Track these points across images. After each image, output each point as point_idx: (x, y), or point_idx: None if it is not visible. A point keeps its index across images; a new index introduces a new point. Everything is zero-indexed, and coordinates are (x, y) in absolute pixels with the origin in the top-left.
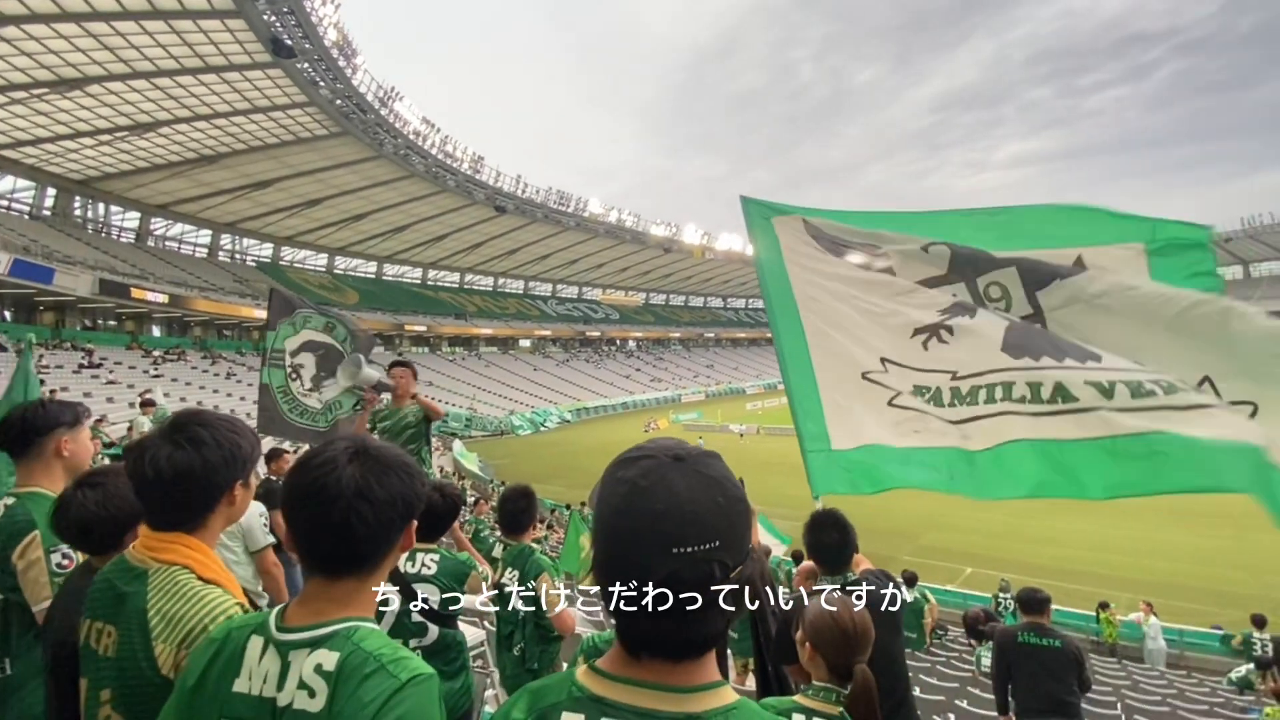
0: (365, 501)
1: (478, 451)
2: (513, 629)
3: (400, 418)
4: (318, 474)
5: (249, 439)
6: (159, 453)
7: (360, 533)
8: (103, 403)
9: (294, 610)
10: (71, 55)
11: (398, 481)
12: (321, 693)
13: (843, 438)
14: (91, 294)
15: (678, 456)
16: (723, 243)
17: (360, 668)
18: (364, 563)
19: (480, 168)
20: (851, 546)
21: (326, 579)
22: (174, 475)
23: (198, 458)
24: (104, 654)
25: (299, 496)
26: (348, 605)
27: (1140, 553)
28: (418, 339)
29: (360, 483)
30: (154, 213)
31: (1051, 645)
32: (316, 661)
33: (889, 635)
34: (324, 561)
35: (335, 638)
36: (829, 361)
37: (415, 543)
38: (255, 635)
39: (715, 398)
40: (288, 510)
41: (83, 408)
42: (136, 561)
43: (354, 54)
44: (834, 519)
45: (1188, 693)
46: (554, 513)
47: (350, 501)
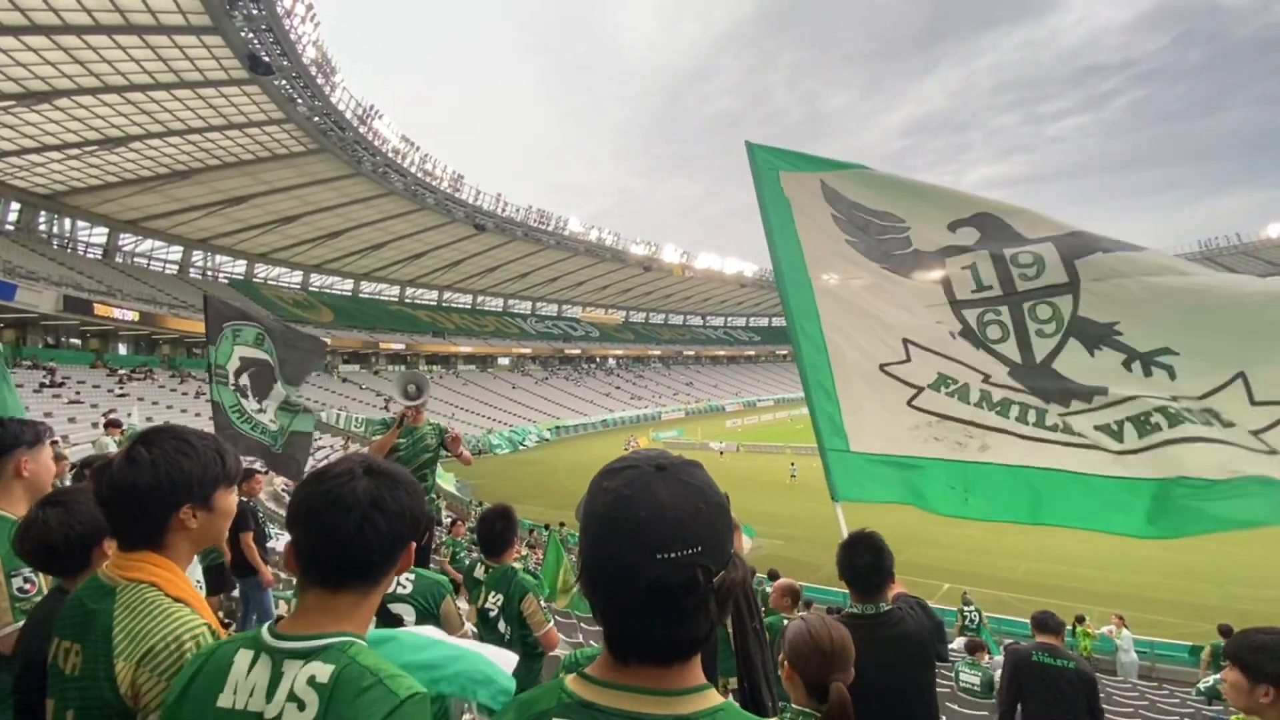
0: (379, 512)
1: (455, 471)
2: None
3: (418, 439)
4: (333, 484)
5: (199, 460)
6: (111, 469)
7: (373, 542)
8: (64, 423)
9: (289, 622)
10: (40, 68)
11: (407, 497)
12: (312, 705)
13: (862, 439)
14: (55, 310)
15: (660, 466)
16: (702, 261)
17: (356, 681)
18: (373, 573)
19: (460, 186)
20: (886, 572)
21: (329, 591)
22: (112, 493)
23: (129, 479)
24: (70, 673)
25: (314, 506)
26: (346, 620)
27: (1112, 566)
28: (394, 357)
29: (375, 494)
30: (123, 228)
31: (1065, 667)
32: (310, 673)
33: (920, 667)
34: (332, 572)
35: (330, 650)
36: (846, 347)
37: None
38: (244, 649)
39: (695, 415)
40: (298, 521)
41: (44, 427)
42: (106, 579)
43: (333, 72)
44: (869, 541)
45: (1159, 704)
46: (533, 533)
47: (365, 511)
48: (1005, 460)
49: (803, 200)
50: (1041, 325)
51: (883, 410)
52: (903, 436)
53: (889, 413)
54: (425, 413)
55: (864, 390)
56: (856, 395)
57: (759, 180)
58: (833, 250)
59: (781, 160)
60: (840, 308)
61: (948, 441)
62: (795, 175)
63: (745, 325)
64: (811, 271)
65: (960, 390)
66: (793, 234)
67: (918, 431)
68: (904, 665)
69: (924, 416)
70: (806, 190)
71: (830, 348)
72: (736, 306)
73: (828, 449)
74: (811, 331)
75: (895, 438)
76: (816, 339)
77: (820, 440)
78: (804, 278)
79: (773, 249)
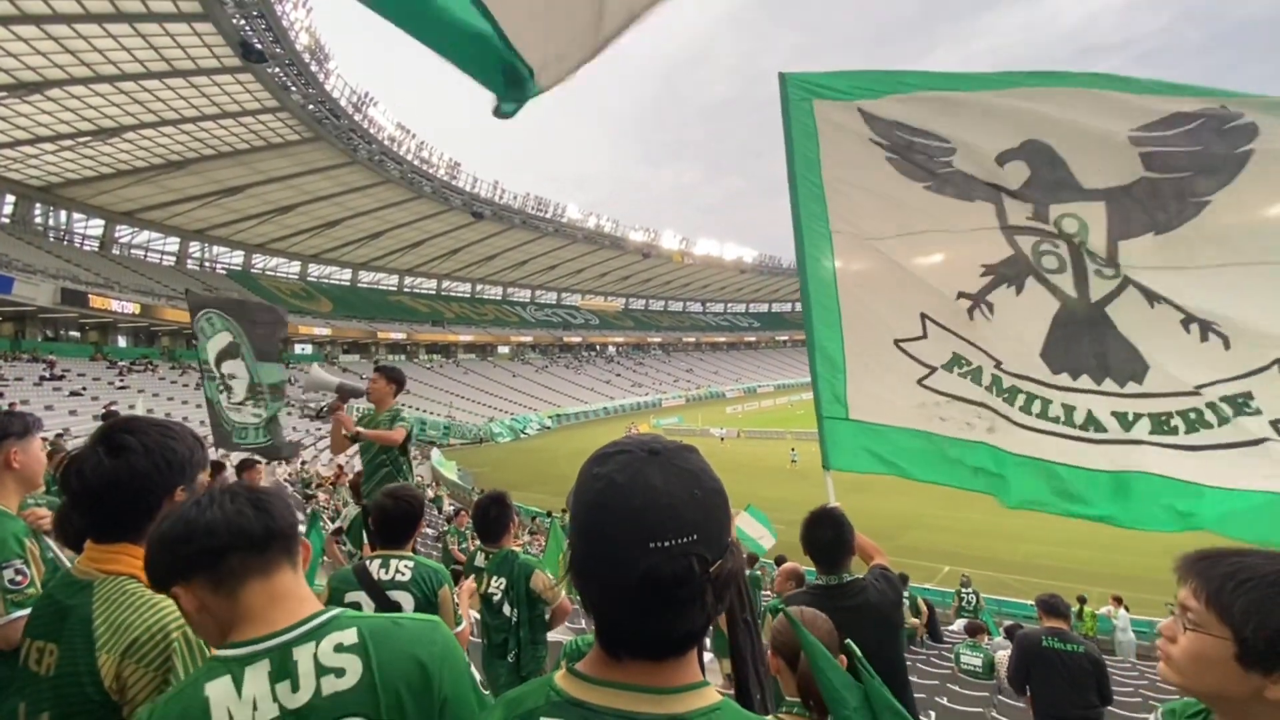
0: (113, 453)
1: (456, 459)
2: (505, 636)
3: (376, 425)
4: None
5: (186, 443)
6: (86, 463)
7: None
8: (65, 416)
9: (253, 625)
10: (30, 58)
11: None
12: (353, 667)
13: (863, 408)
14: (53, 303)
15: (653, 450)
16: (701, 248)
17: (383, 628)
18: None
19: (456, 173)
20: (845, 546)
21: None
22: (100, 485)
23: (125, 465)
24: (45, 673)
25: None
26: (306, 599)
27: (1111, 548)
28: (394, 346)
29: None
30: (119, 220)
31: (1074, 651)
32: (334, 643)
33: (884, 636)
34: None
35: (337, 619)
36: (860, 314)
37: (383, 548)
38: (212, 681)
39: (695, 402)
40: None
41: (33, 418)
42: (81, 574)
43: (326, 59)
44: (829, 516)
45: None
46: (535, 520)
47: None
48: (1009, 448)
49: (834, 132)
50: (1100, 266)
51: (890, 384)
52: (907, 411)
53: (896, 388)
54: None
55: (873, 362)
56: (864, 365)
57: (788, 115)
58: (862, 195)
59: (818, 88)
60: (861, 269)
61: (955, 422)
62: (831, 105)
63: (745, 311)
64: (834, 224)
65: (974, 372)
66: (817, 177)
67: (924, 409)
68: (865, 633)
69: (932, 396)
70: (841, 120)
71: (844, 313)
72: (736, 293)
73: (824, 416)
74: (826, 295)
75: (899, 411)
76: (831, 304)
77: (818, 407)
78: (824, 230)
79: (793, 196)
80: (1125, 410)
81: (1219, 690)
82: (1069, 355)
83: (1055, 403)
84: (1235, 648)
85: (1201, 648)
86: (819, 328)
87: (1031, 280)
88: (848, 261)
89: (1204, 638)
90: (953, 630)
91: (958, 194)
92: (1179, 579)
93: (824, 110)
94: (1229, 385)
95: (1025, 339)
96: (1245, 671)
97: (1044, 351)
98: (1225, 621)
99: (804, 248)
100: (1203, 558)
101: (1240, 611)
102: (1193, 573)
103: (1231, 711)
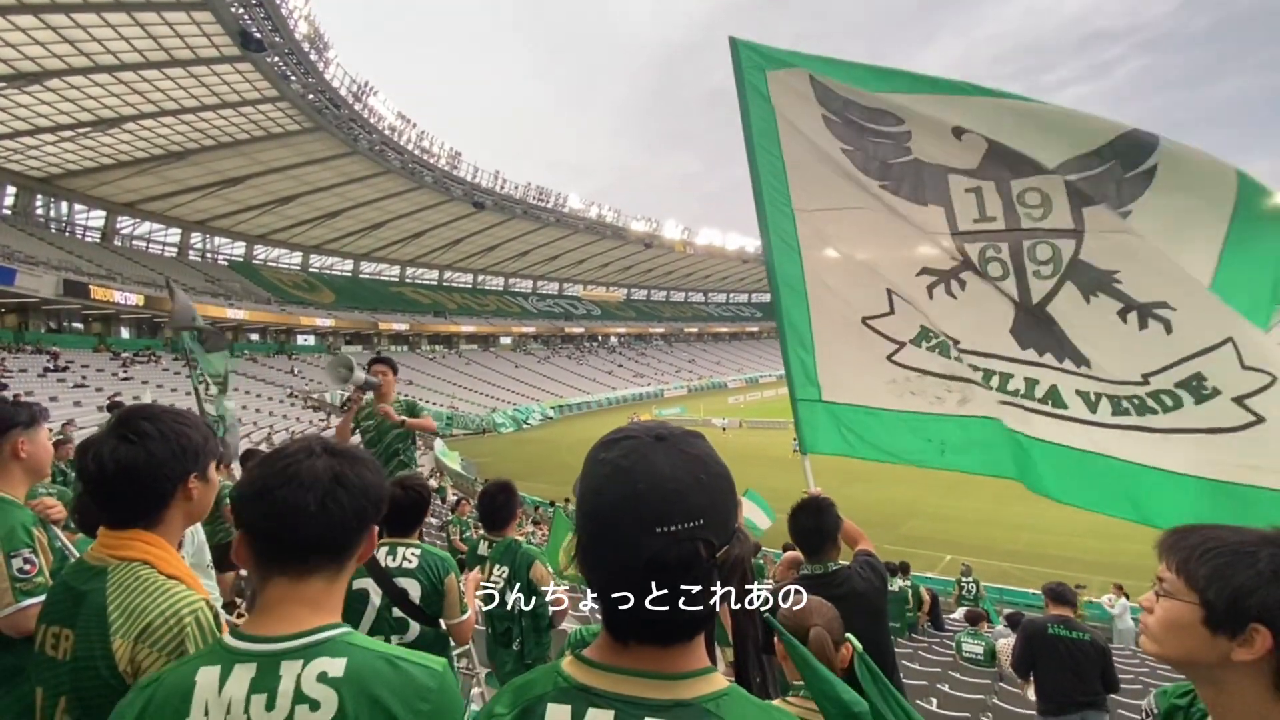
0: (341, 488)
1: (460, 450)
2: (509, 625)
3: (384, 417)
4: (291, 461)
5: (200, 431)
6: (103, 449)
7: (337, 518)
8: (70, 407)
9: (257, 621)
10: (29, 48)
11: (370, 474)
12: (330, 702)
13: (835, 388)
14: (56, 295)
15: (660, 436)
16: (703, 238)
17: (375, 667)
18: (338, 553)
19: (457, 163)
20: (827, 533)
21: (295, 578)
22: (118, 470)
23: (142, 451)
24: (61, 659)
25: (270, 485)
26: (321, 608)
27: (1114, 536)
28: (396, 337)
29: (336, 469)
30: (120, 211)
31: (1080, 639)
32: (318, 670)
33: (869, 622)
34: (296, 554)
35: (332, 643)
36: (826, 296)
37: (391, 537)
38: (205, 665)
39: (698, 392)
40: (250, 504)
41: (39, 407)
42: (95, 561)
43: (326, 48)
44: (812, 504)
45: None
46: (538, 509)
47: (328, 486)
48: (985, 413)
49: (791, 106)
50: (1039, 266)
51: (861, 363)
52: (879, 390)
53: (867, 366)
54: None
55: (843, 342)
56: (834, 346)
57: (742, 85)
58: (822, 168)
59: (770, 60)
60: (825, 247)
61: (926, 396)
62: (784, 74)
63: (747, 301)
64: (796, 200)
65: (941, 345)
66: (777, 154)
67: (894, 386)
68: (853, 622)
69: (903, 371)
70: (795, 92)
71: (810, 293)
72: (739, 283)
73: (798, 399)
74: (792, 275)
75: (872, 390)
76: (797, 284)
77: (791, 389)
78: (787, 209)
79: (754, 173)
80: (1088, 390)
81: (1191, 655)
82: (1034, 337)
83: (1018, 376)
84: (1202, 611)
85: (1173, 614)
86: (786, 310)
87: (984, 284)
88: (811, 242)
89: (1175, 604)
90: (954, 618)
91: (911, 195)
92: (1158, 557)
93: (777, 81)
94: (1177, 370)
95: (990, 319)
96: (1213, 635)
97: (1012, 329)
98: (1192, 587)
99: (767, 226)
100: (1176, 533)
101: (1204, 577)
102: (1166, 547)
103: (1207, 679)
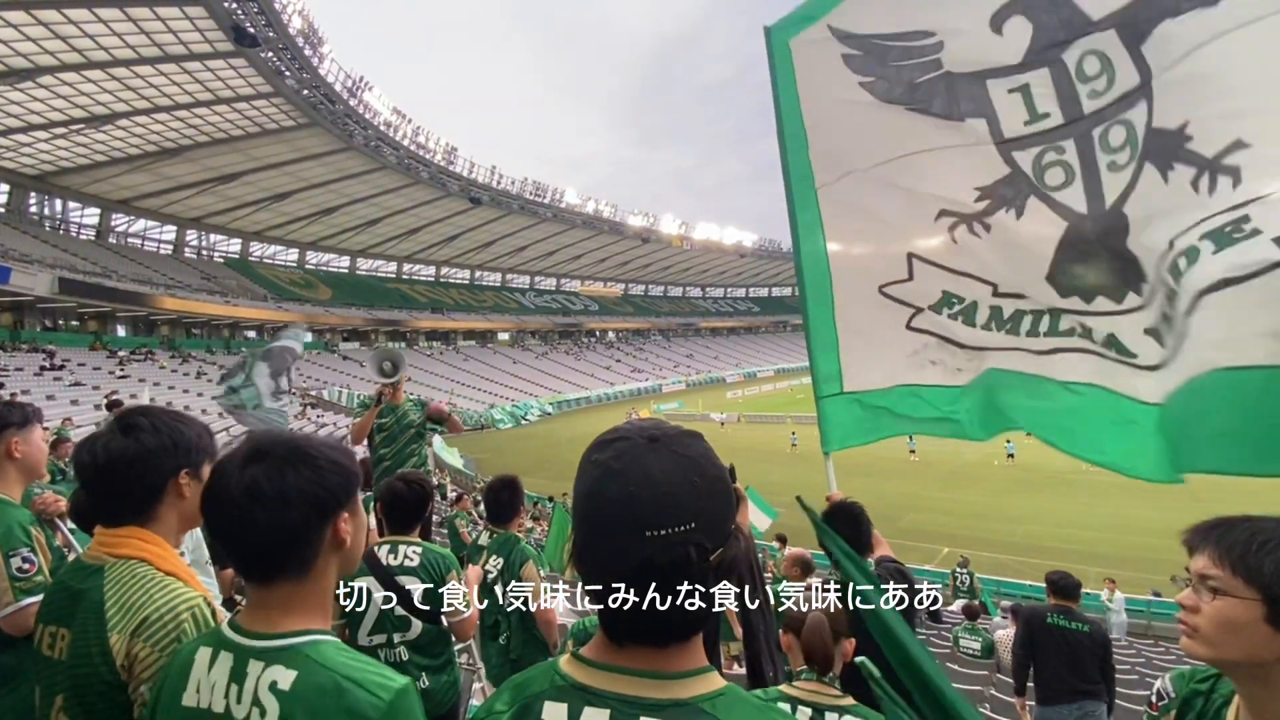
0: (256, 503)
1: (459, 446)
2: (497, 618)
3: (401, 415)
4: (215, 478)
5: (195, 428)
6: (97, 442)
7: (256, 538)
8: (66, 405)
9: (248, 615)
10: (21, 45)
11: (297, 477)
12: (272, 713)
13: (856, 376)
14: (51, 293)
15: (653, 437)
16: (700, 232)
17: (319, 688)
18: (286, 567)
19: (454, 159)
20: (864, 545)
21: (256, 585)
22: (109, 462)
23: (134, 444)
24: (58, 658)
25: (204, 499)
26: (294, 611)
27: (1109, 528)
28: (394, 334)
29: (249, 484)
30: (115, 208)
31: (1080, 629)
32: (271, 678)
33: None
34: (246, 568)
35: (291, 652)
36: (847, 274)
37: (392, 534)
38: (204, 646)
39: (696, 387)
40: (204, 515)
41: (32, 408)
42: (92, 560)
43: (320, 42)
44: (846, 511)
45: (1155, 660)
46: (537, 505)
47: (240, 504)
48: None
49: (810, 66)
50: (1114, 155)
51: (883, 341)
52: (901, 365)
53: (887, 340)
54: (404, 389)
55: (862, 319)
56: (855, 327)
57: (774, 67)
58: (840, 121)
59: (796, 22)
60: (846, 220)
61: (945, 366)
62: (806, 35)
63: (745, 296)
64: (818, 176)
65: (966, 310)
66: (799, 123)
67: (916, 356)
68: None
69: (922, 338)
70: (814, 46)
71: (835, 279)
72: (736, 277)
73: (820, 396)
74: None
75: (891, 367)
76: (823, 277)
77: (816, 389)
78: (811, 196)
79: (784, 157)
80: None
81: (1249, 655)
82: (1078, 278)
83: (1068, 317)
84: (1265, 608)
85: (1230, 613)
86: (813, 305)
87: (1034, 201)
88: (832, 217)
89: (1232, 602)
90: (952, 611)
91: (944, 111)
92: (1190, 550)
93: (799, 46)
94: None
95: (1026, 265)
96: (1276, 631)
97: (1050, 276)
98: (1254, 583)
99: (796, 216)
100: (1214, 526)
101: (1271, 571)
102: (1209, 541)
103: (1259, 678)
